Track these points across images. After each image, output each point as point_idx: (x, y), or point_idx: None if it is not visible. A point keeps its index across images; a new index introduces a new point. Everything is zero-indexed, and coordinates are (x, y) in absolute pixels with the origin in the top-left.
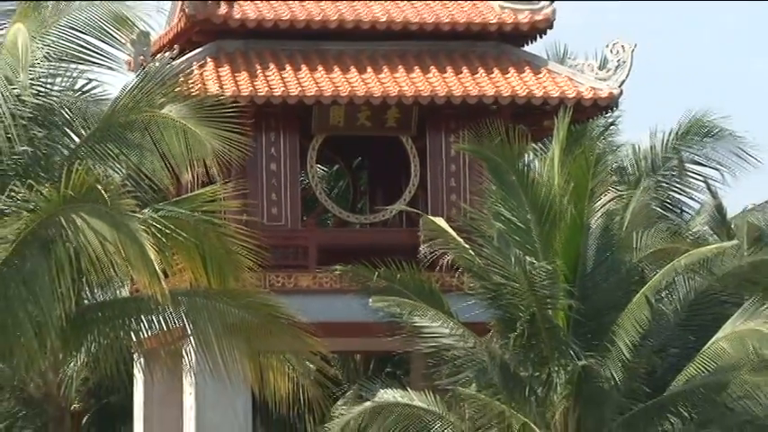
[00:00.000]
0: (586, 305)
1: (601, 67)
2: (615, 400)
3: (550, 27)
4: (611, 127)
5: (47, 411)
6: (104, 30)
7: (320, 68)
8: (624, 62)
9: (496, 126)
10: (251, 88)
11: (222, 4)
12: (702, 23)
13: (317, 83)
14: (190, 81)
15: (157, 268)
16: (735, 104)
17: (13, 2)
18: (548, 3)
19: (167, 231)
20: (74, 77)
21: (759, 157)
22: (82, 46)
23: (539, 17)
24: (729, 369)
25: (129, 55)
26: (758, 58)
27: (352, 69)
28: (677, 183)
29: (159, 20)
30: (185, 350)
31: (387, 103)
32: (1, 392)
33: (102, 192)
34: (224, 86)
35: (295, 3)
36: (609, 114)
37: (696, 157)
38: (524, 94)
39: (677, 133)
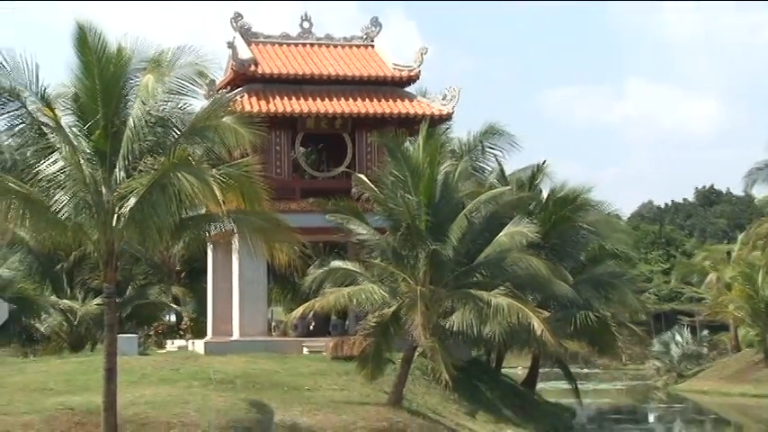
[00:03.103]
0: (435, 219)
1: (443, 99)
2: (450, 266)
3: (418, 78)
4: (448, 129)
5: (162, 270)
6: (193, 78)
7: (302, 98)
8: (455, 96)
9: (391, 128)
10: (267, 108)
11: (251, 64)
12: (501, 65)
13: (300, 106)
14: (236, 104)
15: (220, 200)
16: (511, 117)
17: (146, 63)
18: (417, 66)
19: (225, 180)
20: (176, 101)
21: (521, 145)
22: (181, 86)
23: (413, 73)
24: (507, 251)
25: (204, 91)
26: (535, 88)
27: (318, 99)
28: (481, 158)
29: (220, 73)
30: (233, 240)
31: (335, 116)
32: (139, 262)
33: (192, 161)
34: (253, 107)
35: (288, 62)
36: (447, 122)
37: (490, 145)
38: (405, 112)
39: (481, 132)
